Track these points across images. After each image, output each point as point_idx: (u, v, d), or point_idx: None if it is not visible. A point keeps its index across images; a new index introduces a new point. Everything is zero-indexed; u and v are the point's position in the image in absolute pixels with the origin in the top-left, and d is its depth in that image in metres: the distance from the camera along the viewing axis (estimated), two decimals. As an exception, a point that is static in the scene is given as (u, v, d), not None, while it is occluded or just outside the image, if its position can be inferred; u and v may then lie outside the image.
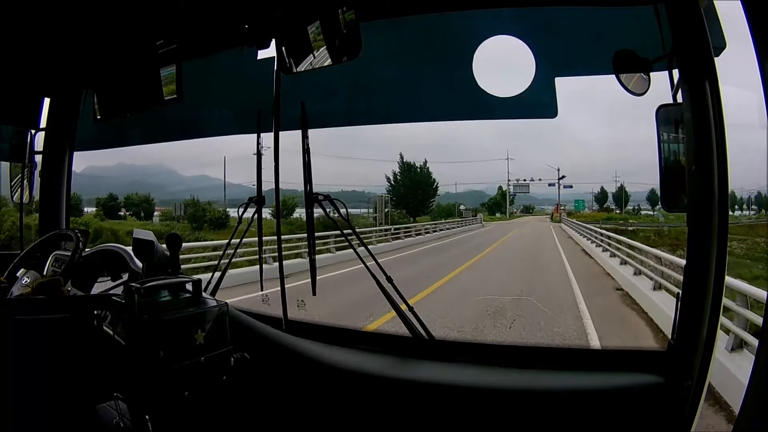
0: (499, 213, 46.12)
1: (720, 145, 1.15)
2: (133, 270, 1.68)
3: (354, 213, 25.55)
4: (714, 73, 1.17)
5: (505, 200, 46.03)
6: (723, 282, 1.18)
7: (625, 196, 43.20)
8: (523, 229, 31.54)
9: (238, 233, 1.95)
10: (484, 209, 45.51)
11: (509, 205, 46.19)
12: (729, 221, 1.18)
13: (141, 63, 2.04)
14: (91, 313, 1.28)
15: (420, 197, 34.23)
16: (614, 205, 43.52)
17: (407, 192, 33.85)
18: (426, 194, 34.91)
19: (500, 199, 46.41)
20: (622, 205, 42.92)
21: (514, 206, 48.38)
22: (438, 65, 1.84)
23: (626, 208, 42.73)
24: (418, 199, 33.94)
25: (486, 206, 46.38)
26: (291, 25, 1.64)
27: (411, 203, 33.57)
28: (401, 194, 33.89)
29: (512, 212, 47.20)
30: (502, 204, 46.35)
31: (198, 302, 1.22)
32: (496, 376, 1.41)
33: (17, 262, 1.85)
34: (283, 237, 1.96)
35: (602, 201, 43.40)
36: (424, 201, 34.70)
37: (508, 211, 45.85)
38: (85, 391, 1.31)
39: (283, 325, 1.72)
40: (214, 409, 1.22)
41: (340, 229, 1.72)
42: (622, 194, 43.25)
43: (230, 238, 1.97)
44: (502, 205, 46.38)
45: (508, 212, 45.76)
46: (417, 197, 33.92)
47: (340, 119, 2.08)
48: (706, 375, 1.19)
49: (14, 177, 2.54)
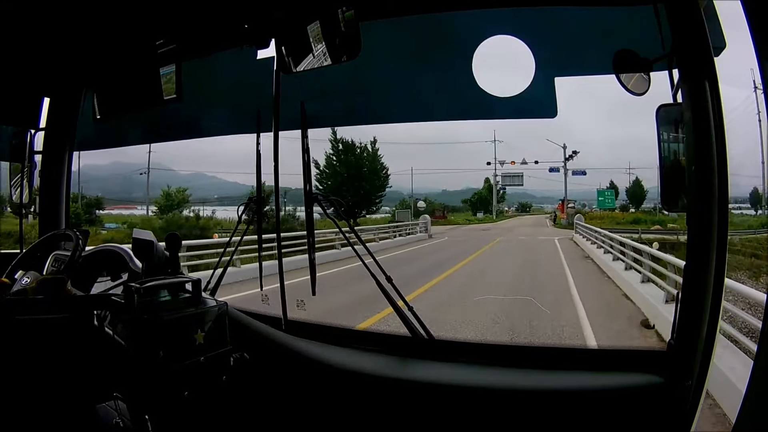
0: (482, 213, 35.30)
1: (720, 145, 1.15)
2: (133, 270, 1.68)
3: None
4: (714, 73, 1.17)
5: (492, 195, 35.05)
6: (723, 282, 1.18)
7: (641, 192, 33.29)
8: (502, 245, 18.52)
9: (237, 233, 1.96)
10: (467, 207, 36.14)
11: (497, 203, 35.08)
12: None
13: (141, 63, 2.04)
14: (91, 313, 1.28)
15: (364, 190, 25.22)
16: (628, 202, 33.33)
17: (344, 182, 24.86)
18: (373, 186, 25.75)
19: (487, 194, 35.76)
20: (637, 202, 33.10)
21: (506, 203, 37.66)
22: (438, 65, 1.84)
23: (642, 206, 32.60)
24: (360, 192, 25.01)
25: (470, 203, 36.62)
26: (291, 25, 1.64)
27: (347, 197, 24.15)
28: (336, 185, 24.78)
29: (502, 211, 36.51)
30: (490, 200, 35.86)
31: (197, 302, 1.22)
32: (496, 376, 1.40)
33: (17, 262, 1.84)
34: (285, 234, 1.95)
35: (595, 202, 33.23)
36: (369, 196, 25.76)
37: (494, 209, 34.87)
38: (85, 391, 1.31)
39: (282, 325, 1.72)
40: (213, 409, 1.22)
41: (339, 228, 1.73)
42: (639, 190, 33.25)
43: (230, 238, 1.97)
44: (490, 201, 35.89)
45: (494, 211, 34.82)
46: (358, 190, 24.84)
47: (339, 119, 2.08)
48: (706, 375, 1.19)
49: (14, 177, 2.54)
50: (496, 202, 34.60)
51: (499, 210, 35.82)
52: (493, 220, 34.09)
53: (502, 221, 33.57)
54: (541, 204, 40.94)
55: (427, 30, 1.78)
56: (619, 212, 32.00)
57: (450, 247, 17.77)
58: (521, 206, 40.91)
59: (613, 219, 28.17)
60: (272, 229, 2.01)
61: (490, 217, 34.97)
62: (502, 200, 36.03)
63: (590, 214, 29.08)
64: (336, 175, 25.31)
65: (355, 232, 1.79)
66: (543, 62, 1.61)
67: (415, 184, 36.59)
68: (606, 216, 29.51)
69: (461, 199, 36.33)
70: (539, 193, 39.73)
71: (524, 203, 41.27)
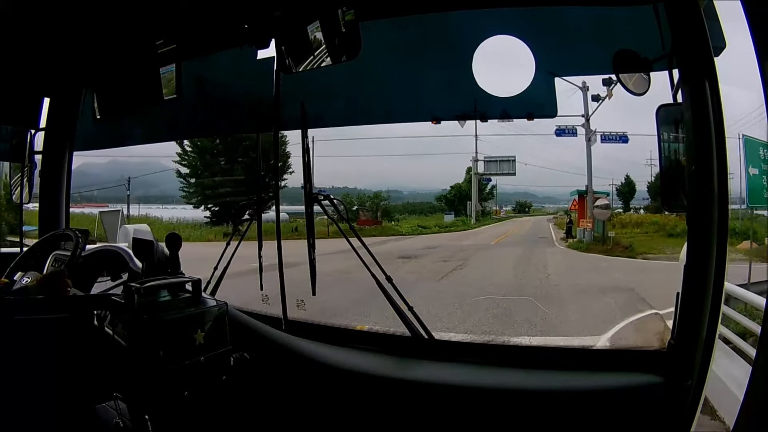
0: (453, 214, 23.39)
1: (720, 145, 1.15)
2: (133, 270, 1.68)
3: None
4: (714, 73, 1.17)
5: (478, 189, 22.74)
6: (723, 282, 1.18)
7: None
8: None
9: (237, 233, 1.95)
10: (443, 206, 24.44)
11: (478, 202, 22.66)
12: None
13: (141, 63, 2.04)
14: (91, 313, 1.28)
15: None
16: (651, 201, 21.02)
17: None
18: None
19: (467, 189, 23.53)
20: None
21: (495, 201, 26.14)
22: (438, 65, 1.84)
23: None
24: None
25: (445, 201, 24.92)
26: (291, 24, 1.64)
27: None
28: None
29: (490, 211, 25.43)
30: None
31: (198, 302, 1.22)
32: (495, 376, 1.40)
33: (17, 262, 1.85)
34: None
35: (628, 196, 21.67)
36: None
37: (474, 208, 22.36)
38: (85, 391, 1.31)
39: (282, 324, 1.72)
40: (213, 409, 1.22)
41: (339, 229, 1.73)
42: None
43: (230, 238, 1.97)
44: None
45: (474, 211, 22.38)
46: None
47: (339, 119, 2.08)
48: (706, 375, 1.18)
49: (14, 177, 2.54)
50: (477, 198, 22.11)
51: (485, 210, 24.53)
52: (468, 225, 21.68)
53: (483, 226, 21.98)
54: (543, 204, 30.41)
55: (427, 30, 1.78)
56: (649, 214, 19.90)
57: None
58: (519, 206, 30.22)
59: (657, 226, 15.87)
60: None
61: (466, 220, 22.32)
62: (489, 197, 25.09)
63: (620, 218, 17.75)
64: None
65: (355, 232, 1.79)
66: (543, 62, 1.61)
67: (386, 182, 27.52)
68: (643, 220, 17.60)
69: (435, 196, 25.24)
70: (541, 193, 29.62)
71: (522, 202, 30.71)
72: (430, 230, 20.92)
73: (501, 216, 26.88)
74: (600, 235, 14.61)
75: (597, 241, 14.55)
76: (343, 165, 33.39)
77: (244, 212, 1.89)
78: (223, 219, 16.91)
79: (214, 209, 17.62)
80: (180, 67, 1.98)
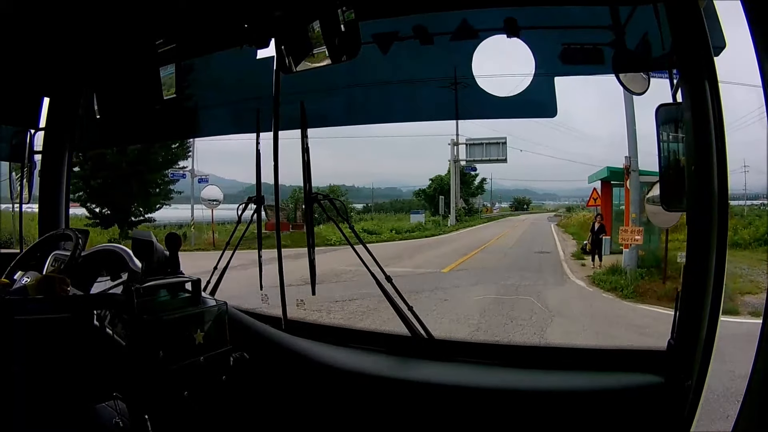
0: (421, 212, 19.60)
1: (720, 145, 1.15)
2: (133, 270, 1.68)
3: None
4: (714, 72, 1.17)
5: (459, 180, 18.65)
6: (723, 282, 1.17)
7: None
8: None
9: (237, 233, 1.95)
10: (422, 202, 21.33)
11: (458, 197, 18.29)
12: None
13: (140, 62, 2.04)
14: (91, 313, 1.28)
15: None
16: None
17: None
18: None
19: (449, 182, 18.92)
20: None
21: (483, 197, 22.10)
22: (438, 65, 1.84)
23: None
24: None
25: (424, 197, 21.64)
26: (290, 24, 1.63)
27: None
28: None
29: (478, 209, 21.24)
30: (463, 190, 20.10)
31: (197, 302, 1.22)
32: (495, 376, 1.40)
33: (17, 263, 1.84)
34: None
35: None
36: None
37: (453, 206, 18.08)
38: (85, 391, 1.31)
39: (282, 324, 1.72)
40: (213, 408, 1.22)
41: (339, 228, 1.74)
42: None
43: (230, 238, 1.97)
44: (464, 191, 20.25)
45: (453, 210, 18.15)
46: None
47: (339, 119, 2.08)
48: (706, 375, 1.18)
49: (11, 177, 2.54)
50: (458, 192, 17.76)
51: (471, 208, 20.47)
52: (441, 228, 17.02)
53: (464, 229, 17.47)
54: (543, 201, 27.59)
55: (427, 30, 1.78)
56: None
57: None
58: (517, 202, 27.45)
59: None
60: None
61: (441, 223, 17.73)
62: (478, 192, 21.04)
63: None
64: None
65: (355, 232, 1.79)
66: (543, 62, 1.61)
67: (386, 180, 24.46)
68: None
69: (413, 191, 21.75)
70: (541, 190, 27.01)
71: (520, 198, 28.06)
72: (380, 236, 15.60)
73: (493, 214, 23.13)
74: (638, 256, 7.77)
75: (649, 269, 7.35)
76: (344, 165, 32.67)
77: (244, 211, 1.89)
78: (110, 222, 14.10)
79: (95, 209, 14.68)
80: (180, 67, 1.98)
